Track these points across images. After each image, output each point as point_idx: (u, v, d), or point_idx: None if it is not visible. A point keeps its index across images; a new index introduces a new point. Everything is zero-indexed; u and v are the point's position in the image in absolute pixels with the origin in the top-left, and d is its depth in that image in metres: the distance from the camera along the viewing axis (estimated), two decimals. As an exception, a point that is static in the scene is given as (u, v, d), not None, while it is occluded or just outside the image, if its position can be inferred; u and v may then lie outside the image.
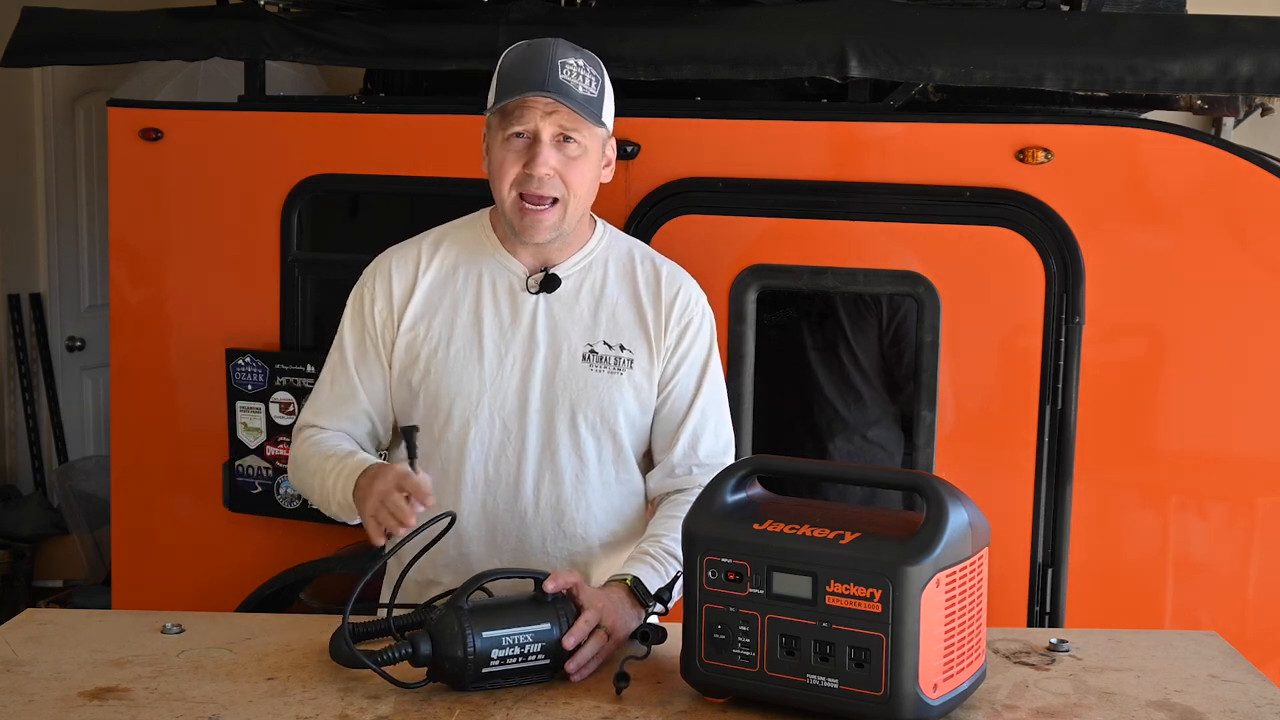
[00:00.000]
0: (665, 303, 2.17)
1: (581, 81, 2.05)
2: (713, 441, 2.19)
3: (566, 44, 2.10)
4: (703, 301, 2.22)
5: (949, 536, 1.61)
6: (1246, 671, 1.86)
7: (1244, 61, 2.68)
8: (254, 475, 3.28)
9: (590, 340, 2.13)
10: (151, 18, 3.39)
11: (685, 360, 2.17)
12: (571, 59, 2.06)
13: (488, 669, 1.73)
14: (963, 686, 1.67)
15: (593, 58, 2.11)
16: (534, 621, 1.77)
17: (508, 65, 2.09)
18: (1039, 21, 2.88)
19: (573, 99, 2.03)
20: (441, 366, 2.13)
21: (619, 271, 2.18)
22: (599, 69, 2.11)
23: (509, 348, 2.13)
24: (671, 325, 2.16)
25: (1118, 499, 2.81)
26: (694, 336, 2.18)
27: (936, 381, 2.82)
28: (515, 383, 2.12)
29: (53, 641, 1.93)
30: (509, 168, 2.06)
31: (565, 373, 2.12)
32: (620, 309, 2.16)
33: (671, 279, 2.20)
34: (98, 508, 5.15)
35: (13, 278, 5.58)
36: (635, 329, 2.15)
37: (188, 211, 3.36)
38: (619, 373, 2.14)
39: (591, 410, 2.13)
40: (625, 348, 2.14)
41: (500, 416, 2.13)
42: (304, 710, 1.70)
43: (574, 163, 2.07)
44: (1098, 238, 2.76)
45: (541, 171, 2.04)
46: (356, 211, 3.78)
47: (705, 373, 2.19)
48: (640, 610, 1.93)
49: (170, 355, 3.42)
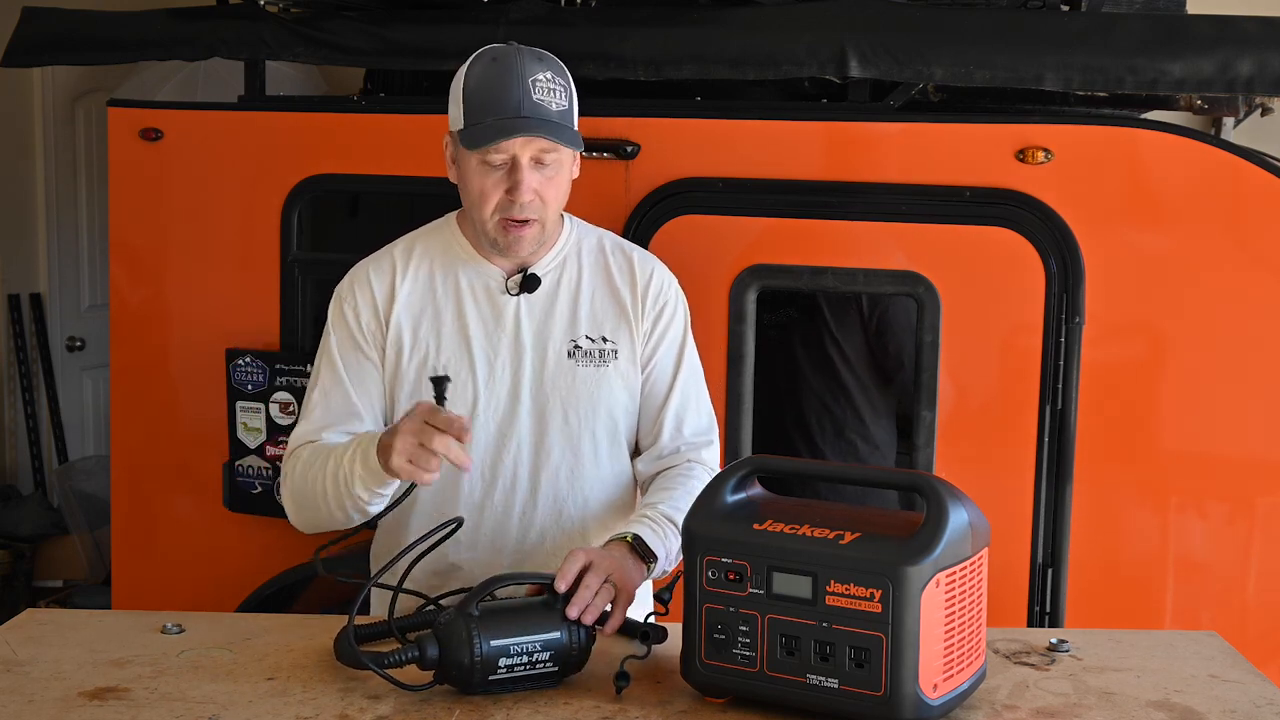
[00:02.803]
0: (640, 288, 2.18)
1: (554, 97, 2.02)
2: (696, 419, 2.22)
3: (530, 54, 2.05)
4: (675, 284, 2.24)
5: (949, 536, 1.61)
6: (1246, 671, 1.86)
7: (1244, 61, 2.69)
8: (254, 475, 3.28)
9: (574, 336, 2.14)
10: (151, 18, 3.39)
11: (663, 342, 2.19)
12: (541, 74, 2.02)
13: (495, 675, 1.73)
14: (963, 686, 1.68)
15: (555, 63, 2.07)
16: (543, 630, 1.75)
17: (474, 85, 2.04)
18: (1039, 21, 2.88)
19: (549, 124, 2.00)
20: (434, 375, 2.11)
21: (592, 263, 2.19)
22: (565, 74, 2.07)
23: (497, 352, 2.13)
24: (648, 309, 2.18)
25: (1118, 499, 2.81)
26: (669, 318, 2.20)
27: (936, 381, 2.82)
28: (507, 387, 2.13)
29: (53, 641, 1.93)
30: (490, 196, 2.05)
31: (553, 371, 2.13)
32: (599, 300, 2.17)
33: (644, 264, 2.21)
34: (98, 508, 5.15)
35: (13, 278, 5.58)
36: (615, 318, 2.17)
37: (188, 211, 3.36)
38: (605, 365, 2.15)
39: (583, 406, 2.14)
40: (608, 339, 2.16)
41: (495, 421, 2.13)
42: (304, 710, 1.70)
43: (551, 180, 2.06)
44: (1098, 238, 2.76)
45: (525, 199, 2.03)
46: (356, 211, 3.78)
47: (683, 353, 2.21)
48: (643, 566, 1.96)
49: (170, 355, 3.42)
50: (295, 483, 2.11)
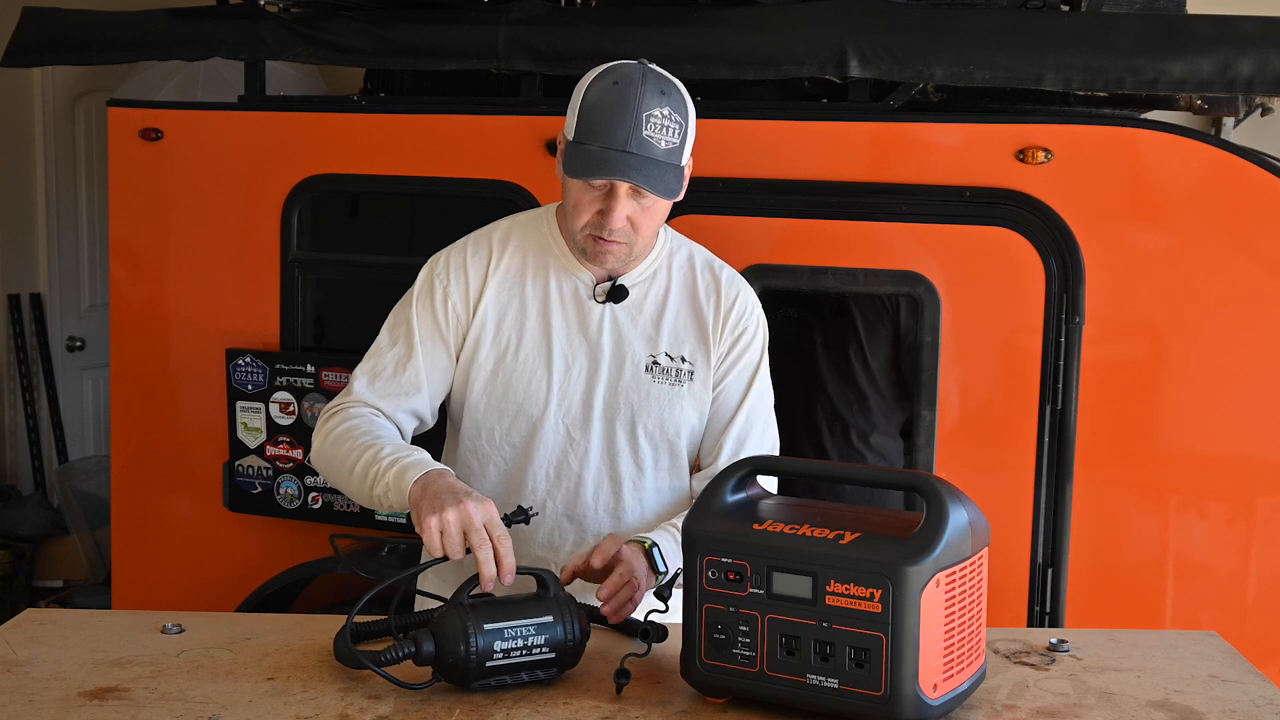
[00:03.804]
0: (724, 311, 2.18)
1: (665, 135, 1.99)
2: (758, 445, 2.20)
3: (653, 83, 2.00)
4: (758, 310, 2.23)
5: (949, 536, 1.61)
6: (1246, 671, 1.86)
7: (1244, 61, 2.69)
8: (254, 475, 3.28)
9: (653, 351, 2.15)
10: (151, 18, 3.39)
11: (736, 365, 2.18)
12: (657, 110, 1.98)
13: (492, 663, 1.73)
14: (963, 686, 1.67)
15: (678, 95, 2.03)
16: (536, 615, 1.77)
17: (591, 103, 2.01)
18: (1039, 21, 2.88)
19: (648, 169, 1.97)
20: (510, 370, 2.13)
21: (681, 280, 2.19)
22: (684, 107, 2.03)
23: (575, 355, 2.13)
24: (726, 333, 2.18)
25: (1118, 499, 2.81)
26: (747, 343, 2.19)
27: (936, 381, 2.82)
28: (580, 391, 2.13)
29: (53, 641, 1.93)
30: (584, 211, 2.04)
31: (629, 383, 2.14)
32: (682, 319, 2.17)
33: (730, 286, 2.20)
34: (98, 508, 5.15)
35: (13, 278, 5.58)
36: (695, 339, 2.17)
37: (188, 211, 3.37)
38: (680, 385, 2.15)
39: (652, 421, 2.15)
40: (686, 359, 2.16)
41: (565, 423, 2.14)
42: (304, 710, 1.70)
43: (647, 210, 2.05)
44: (1098, 238, 2.76)
45: (616, 225, 2.03)
46: (356, 211, 3.78)
47: (755, 378, 2.20)
48: (652, 576, 1.97)
49: (170, 355, 3.42)
50: (326, 447, 2.09)
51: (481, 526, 1.81)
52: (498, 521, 1.84)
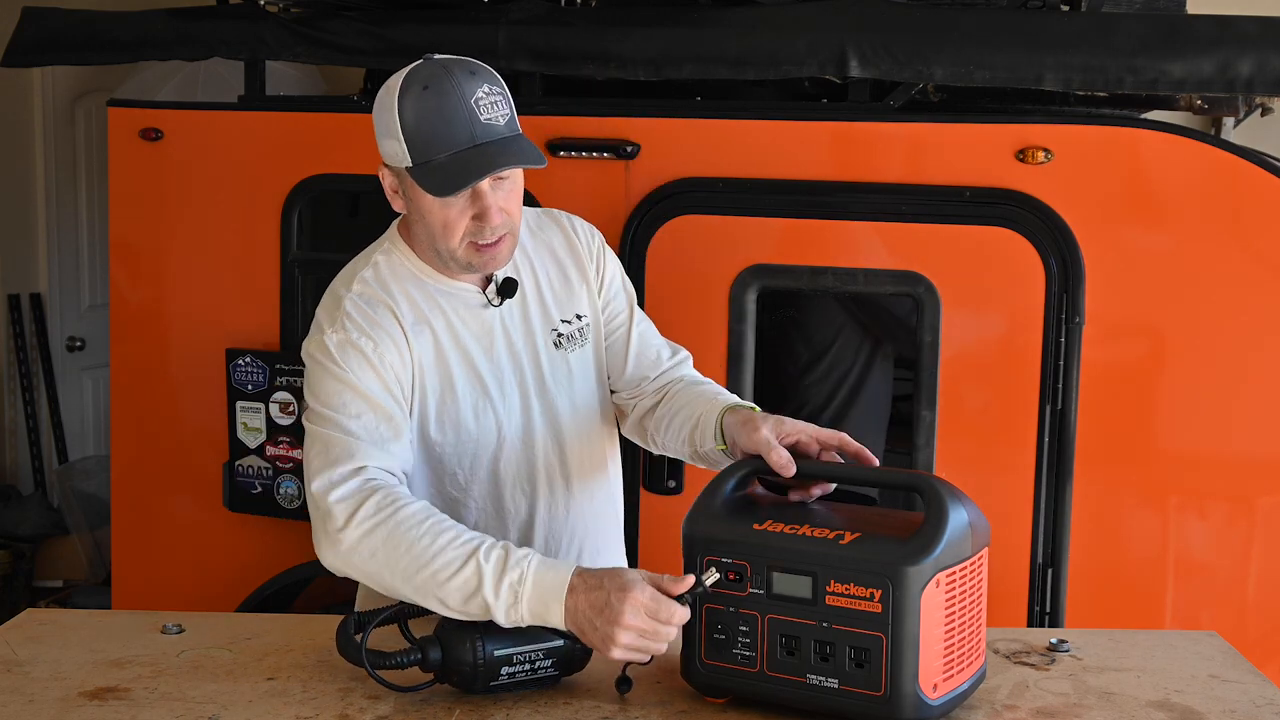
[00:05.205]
0: (574, 248, 2.17)
1: (498, 110, 1.89)
2: (659, 338, 2.24)
3: (460, 70, 1.89)
4: (586, 223, 2.23)
5: (949, 536, 1.61)
6: (1246, 671, 1.86)
7: (1244, 61, 2.68)
8: (254, 475, 3.28)
9: (553, 326, 2.12)
10: (151, 18, 3.39)
11: (611, 284, 2.20)
12: (479, 89, 1.88)
13: (496, 681, 1.73)
14: (963, 686, 1.68)
15: (485, 70, 1.93)
16: (548, 637, 1.74)
17: (414, 119, 1.88)
18: (1039, 21, 2.88)
19: (508, 148, 1.89)
20: (455, 411, 2.03)
21: (534, 246, 2.15)
22: (496, 78, 1.93)
23: (500, 369, 2.07)
24: (586, 264, 2.17)
25: (1118, 499, 2.81)
26: (600, 257, 2.19)
27: (936, 381, 2.82)
28: (517, 400, 2.09)
29: (53, 641, 1.93)
30: (456, 226, 1.93)
31: (550, 368, 2.11)
32: (555, 281, 2.14)
33: (564, 222, 2.20)
34: (98, 508, 5.15)
35: (13, 278, 5.58)
36: (575, 290, 2.15)
37: (188, 211, 3.36)
38: (586, 342, 2.15)
39: (582, 389, 2.15)
40: (580, 315, 2.15)
41: (519, 438, 2.09)
42: (304, 710, 1.70)
43: (512, 192, 1.97)
44: (1098, 238, 2.76)
45: (496, 221, 1.93)
46: (356, 211, 3.78)
47: (625, 283, 2.24)
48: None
49: (170, 355, 3.42)
50: (382, 551, 1.79)
51: (654, 629, 1.69)
52: (656, 612, 1.68)
